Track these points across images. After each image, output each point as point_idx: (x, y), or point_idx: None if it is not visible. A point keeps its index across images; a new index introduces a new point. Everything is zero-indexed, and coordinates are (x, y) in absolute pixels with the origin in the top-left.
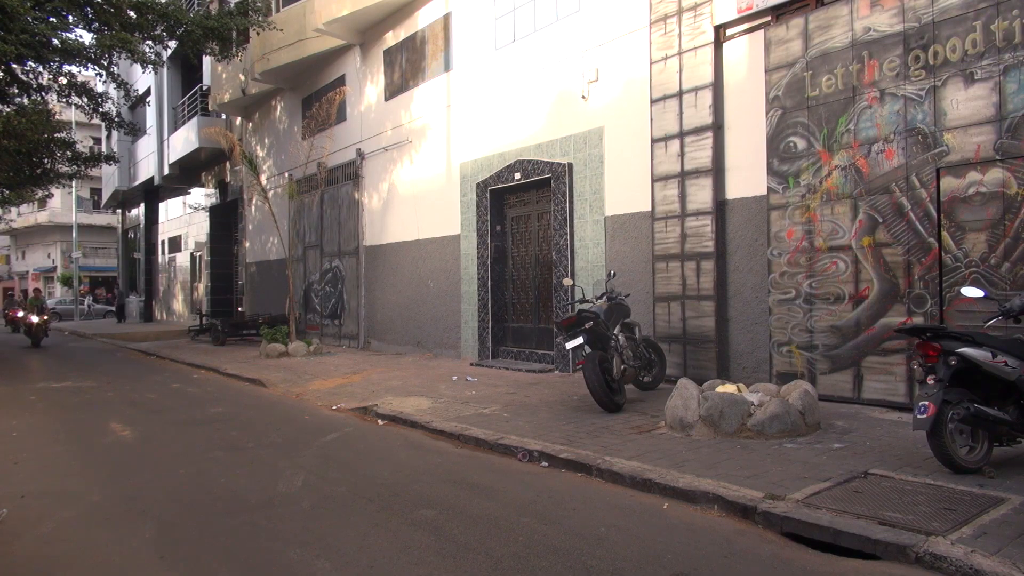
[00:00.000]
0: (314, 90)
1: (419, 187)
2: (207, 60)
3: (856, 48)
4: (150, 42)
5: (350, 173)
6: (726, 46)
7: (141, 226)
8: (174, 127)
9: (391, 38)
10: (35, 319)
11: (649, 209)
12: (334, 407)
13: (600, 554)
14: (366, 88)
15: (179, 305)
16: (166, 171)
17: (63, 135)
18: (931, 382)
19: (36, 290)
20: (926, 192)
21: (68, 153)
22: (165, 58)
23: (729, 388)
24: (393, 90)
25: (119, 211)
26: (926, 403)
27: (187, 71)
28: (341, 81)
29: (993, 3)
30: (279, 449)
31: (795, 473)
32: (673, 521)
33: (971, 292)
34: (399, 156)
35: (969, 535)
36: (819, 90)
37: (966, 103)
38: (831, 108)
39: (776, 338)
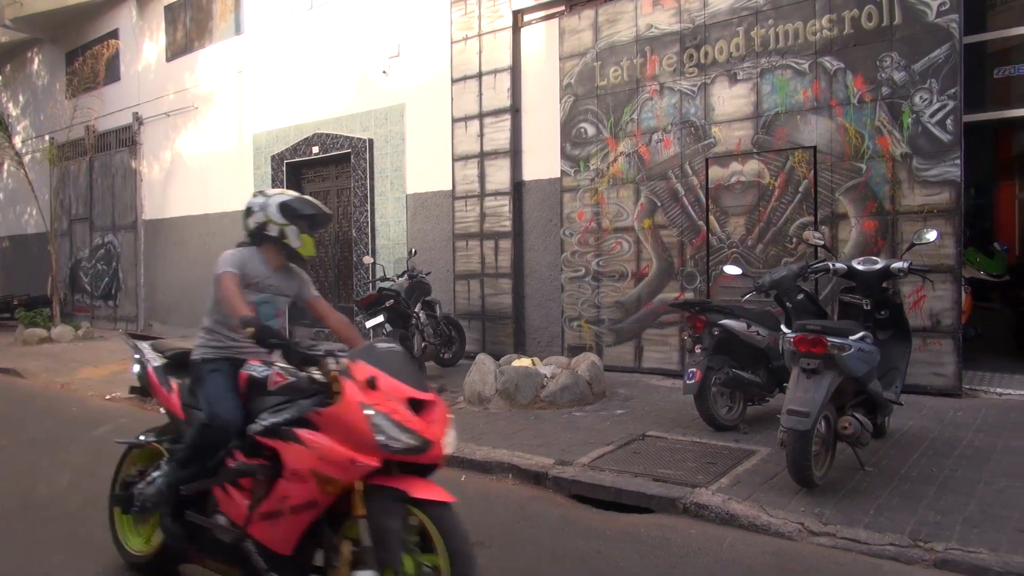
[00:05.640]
0: (81, 43)
1: (208, 158)
2: None
3: (640, 43)
4: None
5: (126, 139)
6: (524, 31)
7: None
8: None
9: None
10: None
11: (450, 188)
12: (108, 396)
13: None
14: (144, 46)
15: None
16: None
17: None
18: (698, 351)
19: None
20: (697, 180)
21: None
22: None
23: (524, 362)
24: (176, 50)
25: None
26: (694, 370)
27: None
28: (114, 36)
29: (752, 12)
30: (40, 446)
31: (583, 439)
32: (470, 492)
33: (731, 270)
34: (184, 123)
35: (727, 484)
36: (607, 80)
37: (730, 100)
38: (618, 98)
39: (568, 313)
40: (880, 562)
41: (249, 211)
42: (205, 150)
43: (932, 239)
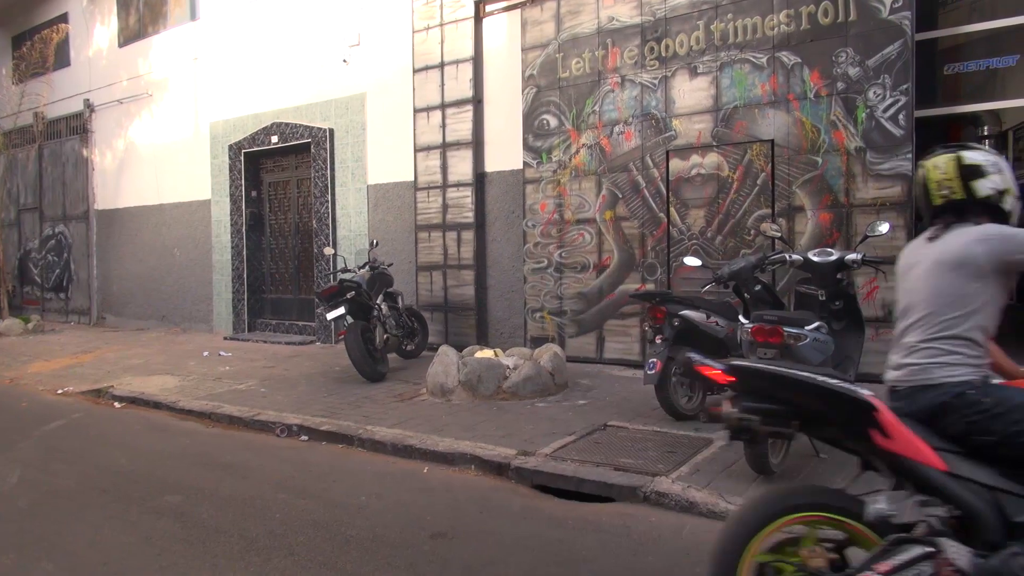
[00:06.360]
0: (29, 27)
1: (162, 147)
2: None
3: (601, 35)
4: None
5: (77, 126)
6: (486, 22)
7: None
8: None
9: None
10: None
11: (412, 179)
12: (59, 391)
13: (360, 523)
14: (95, 30)
15: None
16: None
17: None
18: (659, 341)
19: None
20: (658, 172)
21: None
22: None
23: (487, 353)
24: (129, 36)
25: None
26: (654, 360)
27: None
28: (64, 19)
29: (713, 6)
30: None
31: (545, 430)
32: (433, 484)
33: (691, 261)
34: (137, 110)
35: (686, 473)
36: (569, 72)
37: (691, 93)
38: (579, 90)
39: (530, 305)
40: None
41: (980, 171)
42: (160, 139)
43: (885, 231)
